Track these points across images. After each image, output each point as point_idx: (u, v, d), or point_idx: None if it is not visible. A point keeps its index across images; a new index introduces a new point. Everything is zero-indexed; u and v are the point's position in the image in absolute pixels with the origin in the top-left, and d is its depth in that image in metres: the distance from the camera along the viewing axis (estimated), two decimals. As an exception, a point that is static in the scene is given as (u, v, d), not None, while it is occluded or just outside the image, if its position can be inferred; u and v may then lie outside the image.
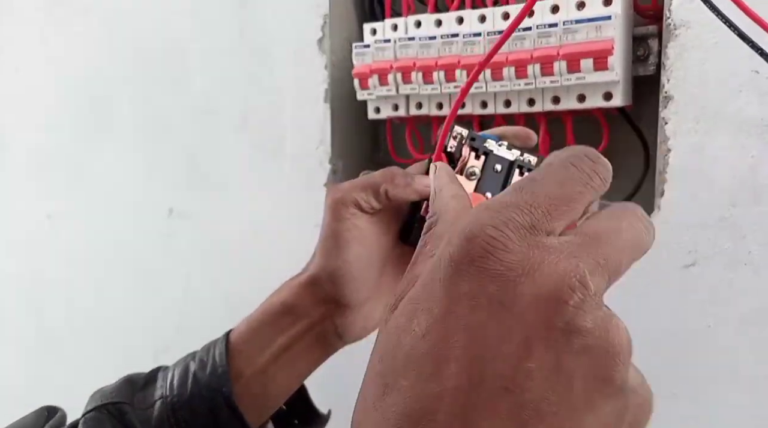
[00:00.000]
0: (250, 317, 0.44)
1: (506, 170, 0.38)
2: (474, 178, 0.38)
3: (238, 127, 0.77)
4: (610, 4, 0.51)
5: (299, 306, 0.42)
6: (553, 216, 0.21)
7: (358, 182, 0.42)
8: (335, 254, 0.41)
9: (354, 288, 0.41)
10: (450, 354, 0.20)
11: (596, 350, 0.19)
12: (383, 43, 0.61)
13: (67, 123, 0.96)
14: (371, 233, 0.41)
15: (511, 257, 0.20)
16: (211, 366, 0.42)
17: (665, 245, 0.51)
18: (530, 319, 0.19)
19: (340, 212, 0.41)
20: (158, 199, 0.85)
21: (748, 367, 0.48)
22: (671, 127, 0.50)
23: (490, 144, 0.38)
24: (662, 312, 0.51)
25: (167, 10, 0.82)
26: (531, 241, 0.20)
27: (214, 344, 0.44)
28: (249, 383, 0.42)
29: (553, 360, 0.19)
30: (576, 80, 0.52)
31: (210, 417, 0.41)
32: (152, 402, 0.42)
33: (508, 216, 0.21)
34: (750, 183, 0.47)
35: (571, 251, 0.20)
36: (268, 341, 0.42)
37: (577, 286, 0.19)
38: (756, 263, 0.47)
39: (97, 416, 0.41)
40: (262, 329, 0.43)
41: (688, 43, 0.49)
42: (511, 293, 0.20)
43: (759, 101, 0.46)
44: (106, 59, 0.90)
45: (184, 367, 0.43)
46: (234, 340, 0.43)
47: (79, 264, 0.97)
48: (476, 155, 0.38)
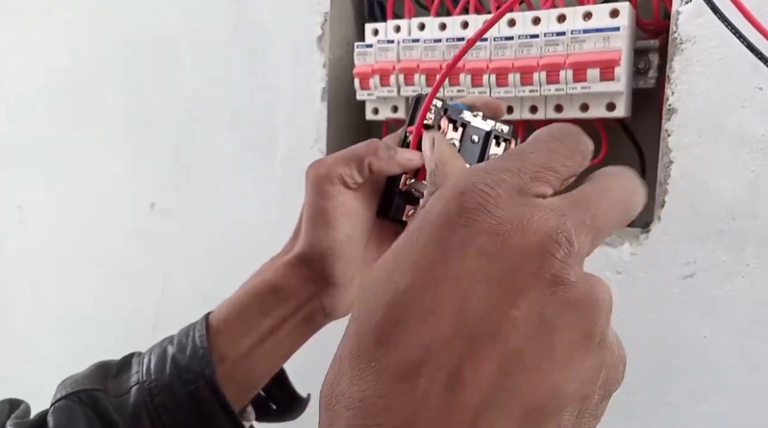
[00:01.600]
0: (231, 299, 0.42)
1: (483, 140, 0.39)
2: (454, 148, 0.38)
3: (229, 123, 0.75)
4: (617, 15, 0.52)
5: (286, 287, 0.40)
6: (540, 182, 0.22)
7: (341, 156, 0.40)
8: (324, 233, 0.39)
9: (343, 266, 0.40)
10: (436, 304, 0.20)
11: (580, 303, 0.20)
12: (386, 43, 0.61)
13: (44, 113, 0.93)
14: (356, 209, 0.40)
15: (501, 212, 0.21)
16: (191, 348, 0.40)
17: (664, 256, 0.51)
18: (518, 270, 0.20)
19: (326, 189, 0.39)
20: (140, 194, 0.83)
21: (743, 378, 0.49)
22: (674, 139, 0.51)
23: (466, 115, 0.39)
24: (660, 322, 0.51)
25: (158, 1, 0.80)
26: (521, 200, 0.21)
27: (192, 326, 0.42)
28: (233, 366, 0.40)
29: (538, 311, 0.20)
30: (581, 89, 0.53)
31: (191, 401, 0.39)
32: (127, 388, 0.40)
33: (500, 177, 0.21)
34: (749, 197, 0.48)
35: (559, 209, 0.21)
36: (254, 323, 0.40)
37: (563, 241, 0.20)
38: (753, 276, 0.48)
39: (68, 404, 0.39)
40: (246, 311, 0.41)
41: (694, 57, 0.50)
42: (500, 245, 0.20)
43: (761, 117, 0.47)
44: (91, 49, 0.87)
45: (161, 351, 0.41)
46: (215, 323, 0.41)
47: (49, 258, 0.94)
48: (454, 127, 0.39)
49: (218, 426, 0.39)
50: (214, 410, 0.39)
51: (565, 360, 0.20)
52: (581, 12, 0.53)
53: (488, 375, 0.19)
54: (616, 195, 0.23)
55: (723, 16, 0.45)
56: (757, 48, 0.45)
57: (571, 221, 0.21)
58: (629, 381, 0.56)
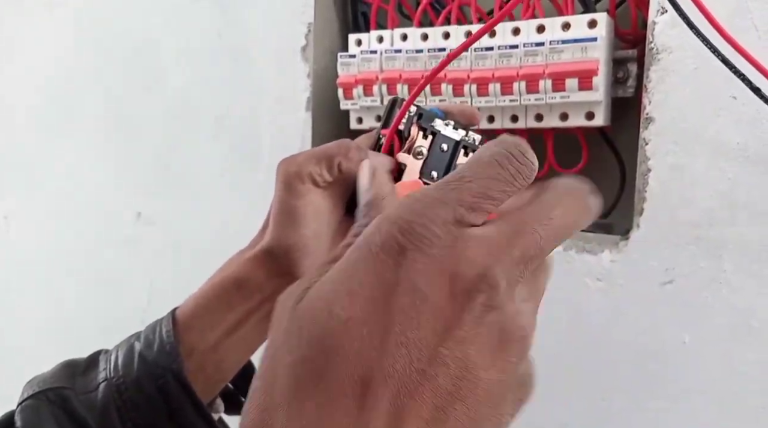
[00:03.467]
0: (197, 294, 0.42)
1: (452, 149, 0.39)
2: (421, 157, 0.39)
3: (213, 132, 0.75)
4: (594, 26, 0.53)
5: (252, 281, 0.41)
6: (477, 212, 0.23)
7: (312, 154, 0.41)
8: (291, 230, 0.40)
9: (309, 262, 0.40)
10: (375, 339, 0.21)
11: (505, 341, 0.22)
12: (369, 54, 0.61)
13: (27, 121, 0.92)
14: (324, 207, 0.40)
15: (436, 251, 0.22)
16: (159, 344, 0.40)
17: (643, 263, 0.52)
18: (447, 309, 0.21)
19: (296, 187, 0.40)
20: (125, 202, 0.83)
21: (723, 383, 0.49)
22: (651, 147, 0.51)
23: (437, 124, 0.39)
24: (640, 328, 0.52)
25: (140, 6, 0.80)
26: (457, 232, 0.22)
27: (159, 322, 0.42)
28: (201, 360, 0.40)
29: (465, 349, 0.21)
30: (560, 99, 0.53)
31: (159, 396, 0.39)
32: (95, 385, 0.40)
33: (436, 213, 0.22)
34: (727, 204, 0.49)
35: (492, 243, 0.22)
36: (221, 317, 0.41)
37: (492, 282, 0.22)
38: (731, 282, 0.49)
39: (35, 404, 0.39)
40: (213, 305, 0.41)
41: (670, 67, 0.50)
42: (432, 285, 0.21)
43: (736, 125, 0.48)
44: (73, 55, 0.87)
45: (129, 347, 0.41)
46: (182, 317, 0.41)
47: (35, 268, 0.93)
48: (424, 135, 0.39)
49: (187, 420, 0.39)
50: (182, 404, 0.39)
51: (488, 395, 0.22)
52: (560, 23, 0.54)
53: (423, 410, 0.20)
54: (558, 221, 0.24)
55: (697, 29, 0.46)
56: (729, 61, 0.46)
57: (503, 259, 0.22)
58: (610, 387, 0.56)
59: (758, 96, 0.45)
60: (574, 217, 0.25)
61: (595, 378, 0.54)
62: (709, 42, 0.46)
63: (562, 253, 0.55)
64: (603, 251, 0.53)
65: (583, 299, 0.54)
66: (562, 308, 0.55)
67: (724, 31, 0.45)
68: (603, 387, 0.54)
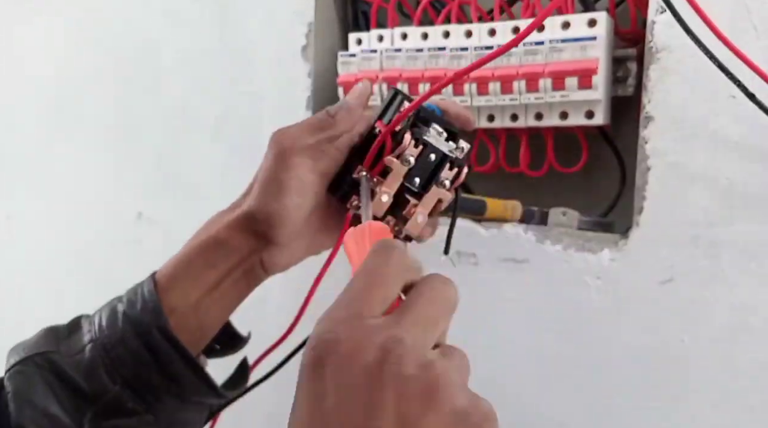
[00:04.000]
0: (178, 255, 0.44)
1: (438, 161, 0.41)
2: (407, 164, 0.40)
3: (214, 132, 0.75)
4: (594, 25, 0.53)
5: (231, 242, 0.42)
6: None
7: (306, 126, 0.43)
8: (275, 199, 0.41)
9: (287, 230, 0.42)
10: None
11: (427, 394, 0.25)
12: (369, 53, 0.61)
13: (29, 123, 0.93)
14: (310, 182, 0.42)
15: (341, 349, 0.26)
16: (142, 303, 0.41)
17: (643, 261, 0.52)
18: (365, 386, 0.25)
19: (288, 159, 0.41)
20: (126, 203, 0.83)
21: (723, 382, 0.49)
22: (651, 146, 0.51)
23: (431, 135, 0.41)
24: (639, 326, 0.52)
25: (141, 8, 0.80)
26: (354, 329, 0.26)
27: (140, 285, 0.43)
28: (184, 317, 0.41)
29: (393, 413, 0.24)
30: (560, 98, 0.53)
31: (146, 351, 0.40)
32: (81, 347, 0.41)
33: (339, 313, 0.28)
34: (726, 203, 0.49)
35: (390, 328, 0.26)
36: (201, 275, 0.42)
37: (392, 347, 0.25)
38: (730, 280, 0.49)
39: (24, 369, 0.40)
40: (193, 264, 0.43)
41: (669, 66, 0.50)
42: (348, 372, 0.25)
43: (735, 124, 0.48)
44: (74, 58, 0.87)
45: (111, 309, 0.42)
46: (162, 279, 0.43)
47: (38, 269, 0.94)
48: (416, 144, 0.40)
49: (176, 371, 0.40)
50: (170, 356, 0.40)
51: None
52: (560, 22, 0.54)
53: None
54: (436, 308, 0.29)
55: (693, 34, 0.47)
56: (725, 66, 0.46)
57: (402, 331, 0.26)
58: (610, 386, 0.56)
59: (753, 102, 0.45)
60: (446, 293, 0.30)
61: (594, 377, 0.54)
62: (705, 47, 0.46)
63: (562, 252, 0.55)
64: (603, 250, 0.53)
65: (583, 298, 0.54)
66: (561, 307, 0.55)
67: (722, 34, 0.45)
68: (602, 386, 0.54)
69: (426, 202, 0.42)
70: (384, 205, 0.41)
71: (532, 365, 0.57)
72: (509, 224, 0.58)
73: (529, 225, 0.57)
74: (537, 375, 0.57)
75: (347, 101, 0.45)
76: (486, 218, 0.59)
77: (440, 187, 0.42)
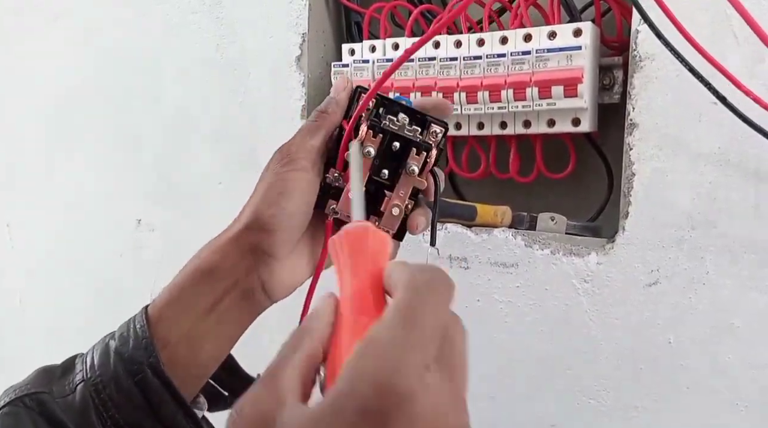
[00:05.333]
0: (170, 284, 0.42)
1: (401, 148, 0.38)
2: (369, 156, 0.38)
3: (212, 141, 0.77)
4: (579, 35, 0.54)
5: (224, 263, 0.40)
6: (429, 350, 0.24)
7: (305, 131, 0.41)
8: (275, 204, 0.40)
9: (283, 239, 0.40)
10: None
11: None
12: (362, 63, 0.63)
13: (31, 133, 0.94)
14: (309, 186, 0.40)
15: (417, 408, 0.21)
16: (134, 339, 0.39)
17: (629, 265, 0.53)
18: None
19: (295, 163, 0.40)
20: (126, 210, 0.84)
21: (708, 381, 0.51)
22: (635, 152, 0.53)
23: (387, 122, 0.38)
24: (626, 328, 0.53)
25: (140, 20, 0.82)
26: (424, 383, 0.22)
27: (132, 319, 0.41)
28: (176, 350, 0.40)
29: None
30: (547, 106, 0.55)
31: (138, 392, 0.38)
32: (73, 388, 0.39)
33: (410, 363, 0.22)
34: (708, 207, 0.50)
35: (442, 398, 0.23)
36: (192, 303, 0.40)
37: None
38: (713, 282, 0.50)
39: (13, 410, 0.38)
40: (184, 292, 0.41)
41: (653, 74, 0.52)
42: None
43: (717, 130, 0.50)
44: (74, 68, 0.89)
45: (104, 347, 0.41)
46: (154, 310, 0.41)
47: (38, 276, 0.95)
48: (374, 133, 0.38)
49: (168, 414, 0.38)
50: (162, 398, 0.38)
51: None
52: (546, 32, 0.56)
53: None
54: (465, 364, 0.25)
55: (669, 43, 0.48)
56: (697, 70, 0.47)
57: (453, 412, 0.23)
58: (598, 386, 0.57)
59: (733, 112, 0.47)
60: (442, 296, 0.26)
61: (582, 378, 0.55)
62: (684, 59, 0.48)
63: (551, 256, 0.56)
64: (590, 254, 0.55)
65: (571, 301, 0.55)
66: (550, 309, 0.56)
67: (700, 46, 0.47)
68: (591, 387, 0.55)
69: (399, 193, 0.40)
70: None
71: (522, 367, 0.58)
72: (499, 229, 0.59)
73: (518, 230, 0.59)
74: (527, 376, 0.58)
75: (332, 96, 0.43)
76: (476, 224, 0.60)
77: (410, 174, 0.39)
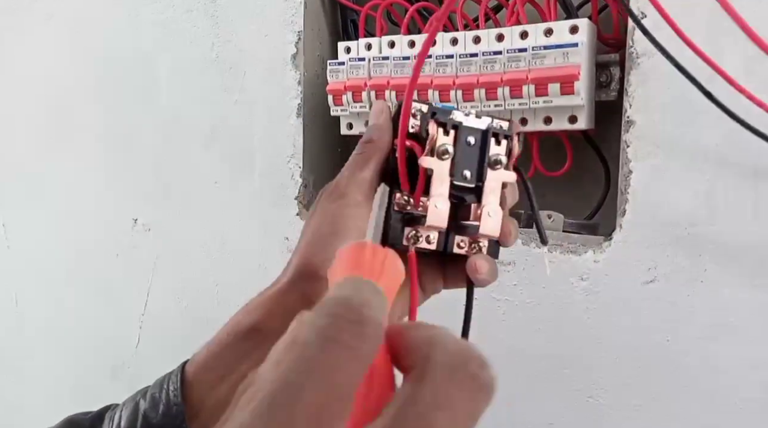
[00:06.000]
0: (211, 340, 0.38)
1: (480, 140, 0.34)
2: (447, 157, 0.33)
3: (207, 140, 0.76)
4: (576, 32, 0.54)
5: (270, 322, 0.36)
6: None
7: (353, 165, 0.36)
8: (327, 243, 0.34)
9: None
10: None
11: None
12: (358, 61, 0.62)
13: (26, 133, 0.94)
14: (365, 223, 0.35)
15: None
16: (164, 404, 0.37)
17: (626, 263, 0.53)
18: None
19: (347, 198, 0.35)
20: (121, 211, 0.84)
21: (706, 379, 0.50)
22: (633, 150, 0.52)
23: (456, 115, 0.34)
24: (623, 326, 0.53)
25: (135, 19, 0.82)
26: None
27: (168, 377, 0.38)
28: (211, 418, 0.36)
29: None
30: (543, 103, 0.54)
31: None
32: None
33: None
34: (705, 205, 0.50)
35: None
36: (230, 366, 0.36)
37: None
38: (711, 280, 0.50)
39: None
40: (223, 353, 0.37)
41: (650, 71, 0.51)
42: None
43: (714, 127, 0.49)
44: (69, 68, 0.88)
45: (134, 407, 0.38)
46: (191, 370, 0.38)
47: (35, 276, 0.95)
48: (445, 131, 0.34)
49: None
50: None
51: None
52: (542, 29, 0.55)
53: None
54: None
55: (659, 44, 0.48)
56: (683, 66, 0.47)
57: None
58: (595, 384, 0.57)
59: (727, 114, 0.47)
60: (467, 412, 0.18)
61: (580, 377, 0.55)
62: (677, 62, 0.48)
63: (548, 254, 0.56)
64: (587, 252, 0.54)
65: (568, 299, 0.55)
66: (547, 308, 0.56)
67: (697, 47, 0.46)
68: (588, 385, 0.55)
69: (488, 193, 0.34)
70: (441, 213, 0.33)
71: (519, 365, 0.58)
72: (496, 227, 0.59)
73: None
74: (524, 374, 0.58)
75: (374, 123, 0.39)
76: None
77: (496, 168, 0.34)
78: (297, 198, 0.70)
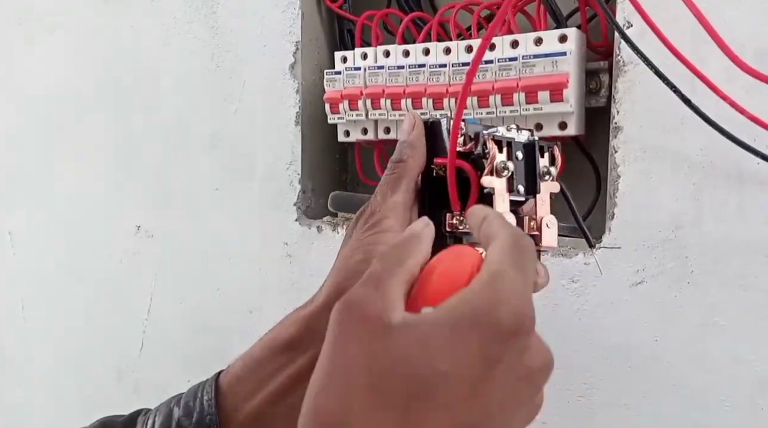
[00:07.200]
0: (246, 353, 0.38)
1: (530, 155, 0.35)
2: (507, 173, 0.33)
3: (208, 148, 0.78)
4: (565, 41, 0.56)
5: (305, 339, 0.36)
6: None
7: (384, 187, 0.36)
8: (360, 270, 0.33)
9: None
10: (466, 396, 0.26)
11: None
12: (354, 70, 0.64)
13: (31, 140, 0.96)
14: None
15: (533, 338, 0.30)
16: (198, 413, 0.37)
17: (616, 265, 0.54)
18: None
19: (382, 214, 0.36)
20: (125, 216, 0.86)
21: (695, 379, 0.52)
22: (620, 155, 0.54)
23: (502, 131, 0.35)
24: (613, 327, 0.54)
25: (137, 31, 0.83)
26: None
27: (202, 386, 0.39)
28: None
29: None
30: (533, 111, 0.56)
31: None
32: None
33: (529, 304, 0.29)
34: (692, 207, 0.51)
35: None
36: (264, 381, 0.37)
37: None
38: (698, 281, 0.51)
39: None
40: (258, 366, 0.37)
41: (636, 78, 0.53)
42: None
43: (699, 132, 0.51)
44: (73, 78, 0.90)
45: (167, 414, 0.38)
46: (225, 380, 0.38)
47: (40, 282, 0.96)
48: (499, 148, 0.34)
49: None
50: None
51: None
52: (532, 38, 0.57)
53: None
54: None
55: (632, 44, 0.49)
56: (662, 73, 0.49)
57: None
58: (587, 385, 0.58)
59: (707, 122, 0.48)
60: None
61: (572, 377, 0.56)
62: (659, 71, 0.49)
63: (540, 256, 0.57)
64: (577, 255, 0.56)
65: (559, 301, 0.56)
66: (539, 309, 0.57)
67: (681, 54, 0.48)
68: (580, 386, 0.56)
69: (542, 204, 0.36)
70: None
71: (513, 366, 0.59)
72: (490, 231, 0.60)
73: (509, 232, 0.60)
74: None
75: (405, 139, 0.38)
76: (468, 226, 0.61)
77: (546, 179, 0.36)
78: (296, 204, 0.71)
